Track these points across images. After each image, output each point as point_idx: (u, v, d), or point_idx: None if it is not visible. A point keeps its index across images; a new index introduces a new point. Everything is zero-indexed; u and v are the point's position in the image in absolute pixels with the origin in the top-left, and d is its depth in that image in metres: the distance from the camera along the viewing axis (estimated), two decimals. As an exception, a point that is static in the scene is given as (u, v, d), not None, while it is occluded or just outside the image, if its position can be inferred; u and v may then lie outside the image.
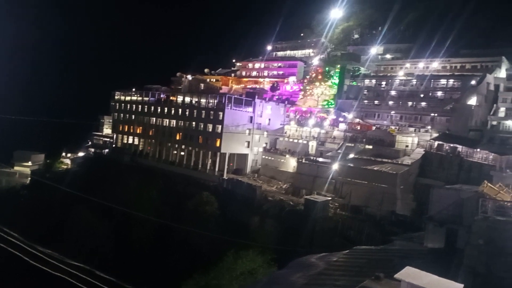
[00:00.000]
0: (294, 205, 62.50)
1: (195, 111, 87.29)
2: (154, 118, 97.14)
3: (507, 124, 72.61)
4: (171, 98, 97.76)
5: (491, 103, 75.86)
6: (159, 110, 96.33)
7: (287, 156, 78.44)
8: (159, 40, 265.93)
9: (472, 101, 73.66)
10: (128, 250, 65.54)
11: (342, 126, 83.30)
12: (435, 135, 70.06)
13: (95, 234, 68.26)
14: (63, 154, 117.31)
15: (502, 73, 79.07)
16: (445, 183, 51.09)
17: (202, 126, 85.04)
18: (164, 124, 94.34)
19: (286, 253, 36.78)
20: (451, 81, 79.05)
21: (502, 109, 74.48)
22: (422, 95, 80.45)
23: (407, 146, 70.04)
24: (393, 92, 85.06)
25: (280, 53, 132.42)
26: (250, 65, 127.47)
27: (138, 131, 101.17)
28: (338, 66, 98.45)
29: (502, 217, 22.05)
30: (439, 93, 79.00)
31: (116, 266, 61.82)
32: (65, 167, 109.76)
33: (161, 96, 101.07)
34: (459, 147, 62.10)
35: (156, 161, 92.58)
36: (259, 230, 60.22)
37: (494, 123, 73.76)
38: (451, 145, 63.11)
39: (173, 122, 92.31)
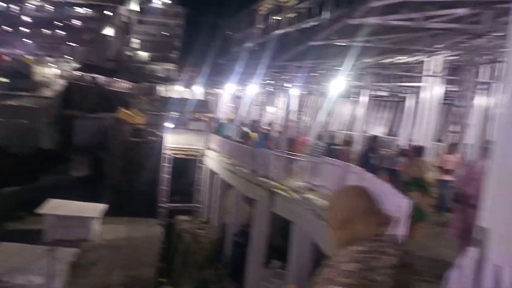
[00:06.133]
0: None
1: None
2: None
3: (140, 55, 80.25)
4: None
5: (126, 34, 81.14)
6: None
7: None
8: None
9: (109, 31, 76.60)
10: None
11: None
12: (76, 65, 69.52)
13: None
14: None
15: (136, 7, 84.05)
16: (89, 113, 52.76)
17: None
18: None
19: None
20: (87, 10, 78.60)
21: (137, 41, 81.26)
22: (60, 23, 76.76)
23: (47, 77, 66.64)
24: (27, 18, 76.89)
25: None
26: None
27: None
28: None
29: (137, 138, 25.40)
30: (77, 22, 77.62)
31: None
32: None
33: None
34: (100, 77, 64.56)
35: None
36: None
37: (129, 53, 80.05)
38: (92, 75, 64.72)
39: None
